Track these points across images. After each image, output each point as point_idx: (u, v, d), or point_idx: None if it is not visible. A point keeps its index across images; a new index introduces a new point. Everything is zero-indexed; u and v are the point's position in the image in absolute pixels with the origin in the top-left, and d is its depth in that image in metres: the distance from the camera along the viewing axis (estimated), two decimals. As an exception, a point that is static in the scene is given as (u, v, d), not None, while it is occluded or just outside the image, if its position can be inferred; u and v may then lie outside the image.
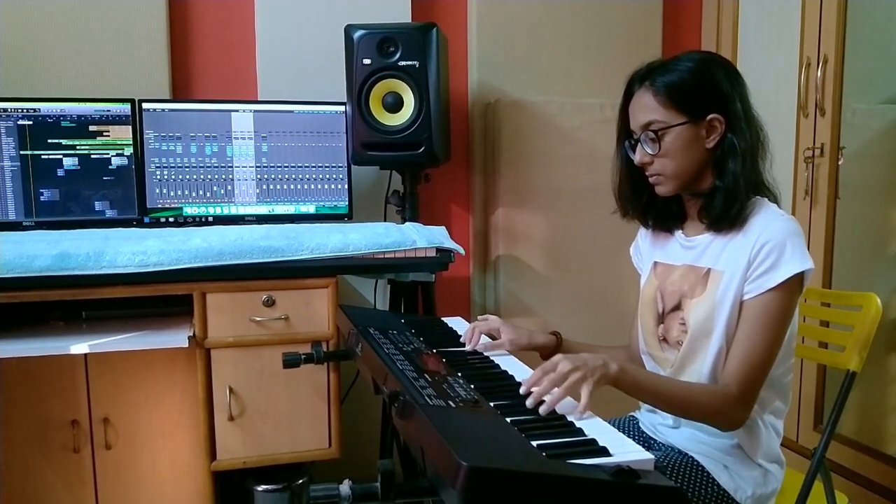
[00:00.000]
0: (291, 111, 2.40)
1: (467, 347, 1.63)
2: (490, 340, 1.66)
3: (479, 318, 1.72)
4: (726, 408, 1.33)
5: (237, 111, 2.37)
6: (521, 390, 1.23)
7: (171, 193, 2.34)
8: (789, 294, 1.34)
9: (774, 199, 1.45)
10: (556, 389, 1.20)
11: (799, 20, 2.43)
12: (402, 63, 2.24)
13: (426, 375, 1.33)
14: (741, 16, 2.79)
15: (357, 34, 2.24)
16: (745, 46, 2.77)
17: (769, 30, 2.64)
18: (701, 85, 1.39)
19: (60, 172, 2.26)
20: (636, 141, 1.45)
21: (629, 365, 1.33)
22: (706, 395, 1.35)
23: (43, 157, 2.24)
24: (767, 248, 1.33)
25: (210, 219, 2.37)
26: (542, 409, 1.18)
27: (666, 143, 1.40)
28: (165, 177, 2.33)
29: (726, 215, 1.40)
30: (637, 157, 1.45)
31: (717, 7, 2.90)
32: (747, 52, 2.75)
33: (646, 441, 1.59)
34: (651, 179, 1.47)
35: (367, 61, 2.24)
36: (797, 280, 1.33)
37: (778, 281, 1.32)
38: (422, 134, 2.26)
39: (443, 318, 1.99)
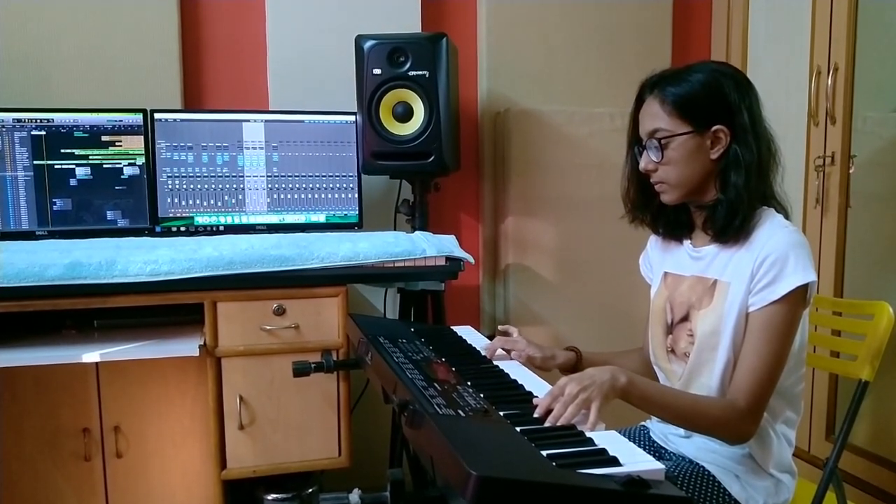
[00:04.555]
0: (302, 121, 2.42)
1: (484, 357, 1.63)
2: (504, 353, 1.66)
3: (499, 328, 1.70)
4: (734, 421, 1.32)
5: (248, 121, 2.38)
6: (536, 414, 1.22)
7: (183, 203, 2.35)
8: (793, 306, 1.34)
9: (784, 213, 1.44)
10: (569, 409, 1.20)
11: (809, 29, 2.43)
12: (412, 73, 2.25)
13: (436, 384, 1.33)
14: (751, 25, 2.78)
15: (367, 44, 2.25)
16: (755, 56, 2.76)
17: (779, 39, 2.63)
18: (708, 96, 1.39)
19: (73, 182, 2.27)
20: (643, 147, 1.46)
21: (639, 377, 1.33)
22: (714, 408, 1.35)
23: (56, 166, 2.26)
24: (770, 260, 1.33)
25: (221, 228, 2.38)
26: (547, 424, 1.19)
27: (670, 152, 1.41)
28: (177, 186, 2.34)
29: (729, 227, 1.40)
30: (642, 164, 1.46)
31: (727, 16, 2.90)
32: (757, 62, 2.75)
33: (657, 451, 1.58)
34: (656, 187, 1.47)
35: (377, 71, 2.25)
36: (801, 292, 1.33)
37: (780, 294, 1.32)
38: (431, 143, 2.27)
39: (452, 327, 1.99)
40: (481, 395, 1.30)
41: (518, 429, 1.14)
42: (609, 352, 1.75)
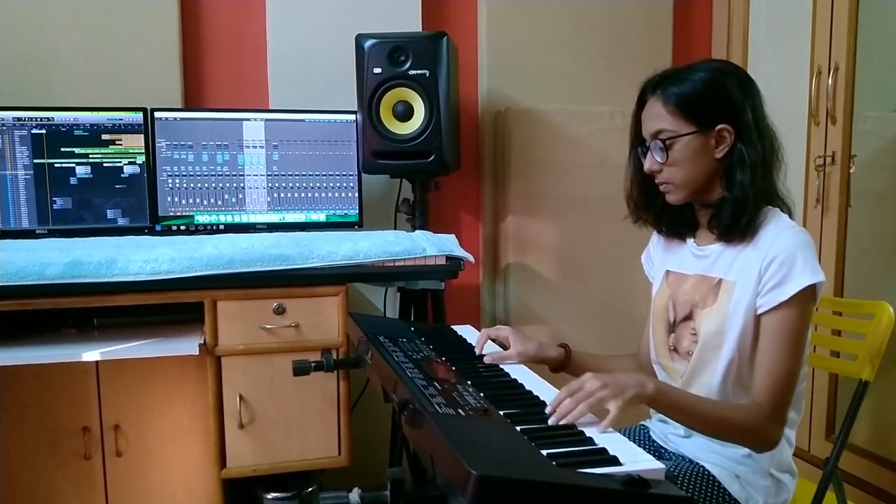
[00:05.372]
0: (302, 120, 2.42)
1: (482, 356, 1.63)
2: (500, 349, 1.66)
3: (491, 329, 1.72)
4: (761, 427, 1.32)
5: (248, 120, 2.38)
6: (547, 411, 1.22)
7: (183, 201, 2.35)
8: (803, 306, 1.34)
9: (788, 211, 1.44)
10: (580, 406, 1.19)
11: (810, 28, 2.43)
12: (413, 72, 2.25)
13: (436, 384, 1.33)
14: (752, 24, 2.78)
15: (368, 43, 2.25)
16: (756, 55, 2.76)
17: (780, 38, 2.63)
18: (711, 95, 1.39)
19: (73, 181, 2.27)
20: (647, 148, 1.46)
21: (667, 385, 1.35)
22: (740, 414, 1.34)
23: (56, 165, 2.26)
24: (778, 261, 1.33)
25: (221, 227, 2.38)
26: (552, 420, 1.19)
27: (674, 153, 1.40)
28: (177, 185, 2.34)
29: (735, 226, 1.40)
30: (646, 165, 1.46)
31: (728, 15, 2.90)
32: (758, 61, 2.74)
33: (657, 450, 1.58)
34: (661, 187, 1.47)
35: (377, 70, 2.25)
36: (810, 292, 1.33)
37: (789, 294, 1.32)
38: (432, 142, 2.27)
39: (452, 327, 1.99)
40: (481, 395, 1.30)
41: (518, 428, 1.13)
42: (602, 354, 1.75)
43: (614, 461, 1.02)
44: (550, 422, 1.19)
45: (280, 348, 2.01)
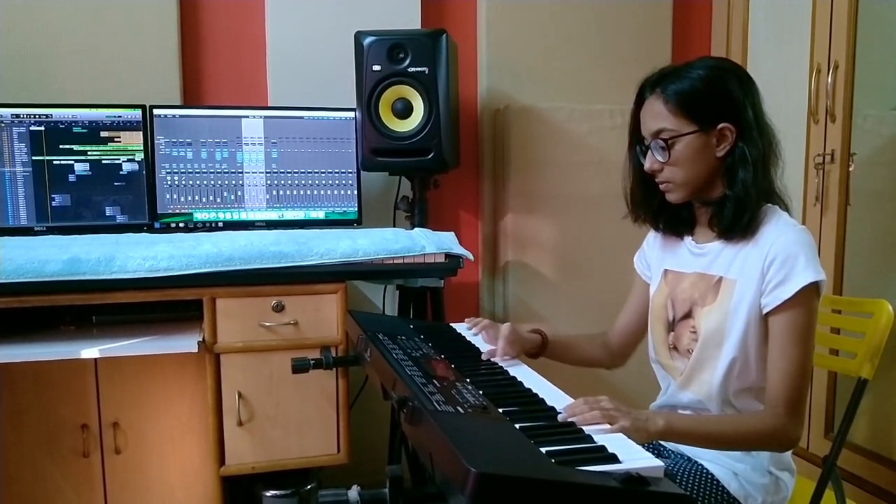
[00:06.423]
0: (301, 117, 2.41)
1: (480, 353, 1.63)
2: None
3: (467, 320, 1.75)
4: (781, 429, 1.32)
5: (247, 117, 2.38)
6: (561, 412, 1.21)
7: (182, 199, 2.35)
8: (808, 304, 1.34)
9: (786, 208, 1.44)
10: (593, 411, 1.19)
11: (809, 26, 2.42)
12: (412, 69, 2.24)
13: (435, 381, 1.33)
14: (751, 22, 2.78)
15: (367, 41, 2.25)
16: (756, 53, 2.76)
17: (779, 36, 2.63)
18: (712, 93, 1.38)
19: (72, 178, 2.27)
20: (647, 147, 1.45)
21: (676, 416, 1.36)
22: (757, 422, 1.35)
23: (55, 162, 2.25)
24: (780, 259, 1.33)
25: (220, 224, 2.38)
26: (562, 415, 1.18)
27: (676, 152, 1.40)
28: (176, 182, 2.34)
29: (737, 224, 1.39)
30: (647, 164, 1.45)
31: (727, 13, 2.90)
32: (757, 59, 2.74)
33: (655, 448, 1.58)
34: (661, 186, 1.47)
35: (376, 68, 2.25)
36: (813, 289, 1.33)
37: (792, 292, 1.32)
38: (431, 140, 2.26)
39: (451, 324, 1.99)
40: (480, 392, 1.30)
41: (517, 426, 1.13)
42: (574, 335, 1.79)
43: (613, 459, 1.02)
44: (560, 417, 1.19)
45: (279, 346, 2.01)
